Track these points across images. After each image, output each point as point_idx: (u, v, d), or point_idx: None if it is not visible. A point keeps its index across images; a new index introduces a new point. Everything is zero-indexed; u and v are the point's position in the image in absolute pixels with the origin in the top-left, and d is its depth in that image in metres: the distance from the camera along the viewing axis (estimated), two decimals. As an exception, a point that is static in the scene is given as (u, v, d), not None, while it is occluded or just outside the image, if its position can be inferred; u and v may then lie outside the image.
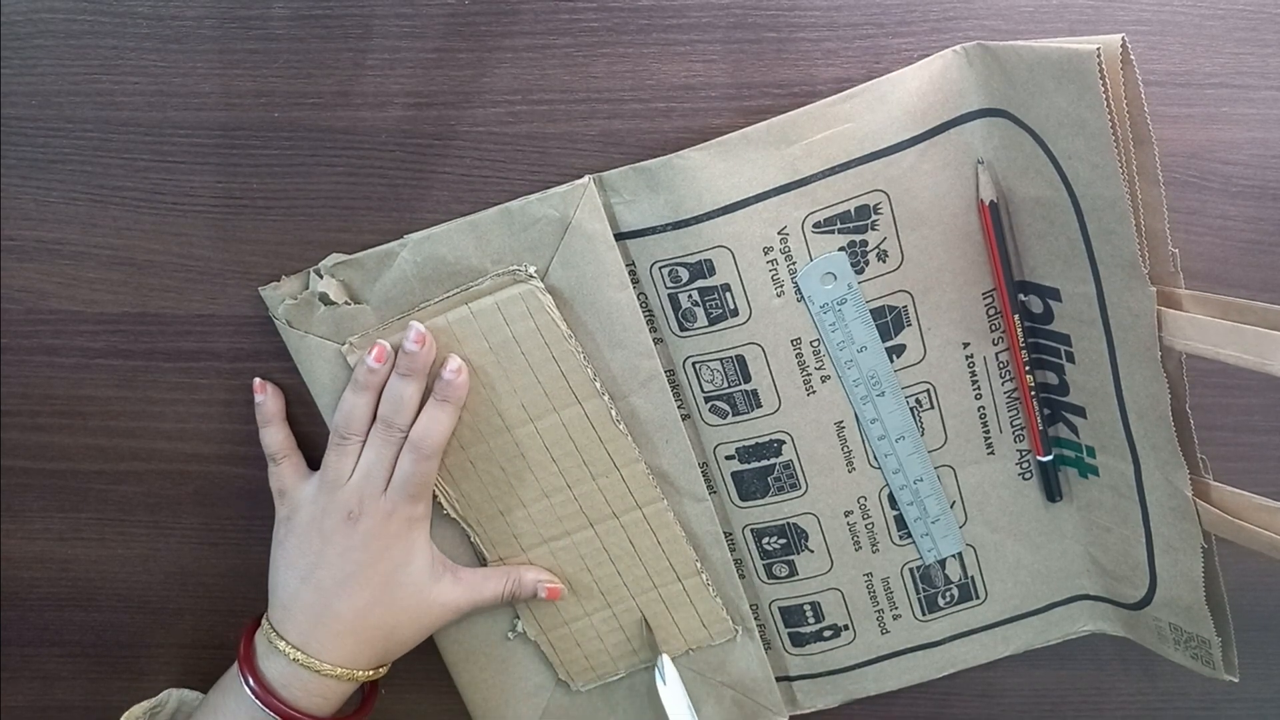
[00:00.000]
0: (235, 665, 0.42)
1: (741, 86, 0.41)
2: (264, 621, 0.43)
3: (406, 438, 0.42)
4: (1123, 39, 0.33)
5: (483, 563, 0.46)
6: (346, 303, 0.42)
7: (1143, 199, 0.36)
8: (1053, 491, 0.46)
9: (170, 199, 0.43)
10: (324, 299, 0.42)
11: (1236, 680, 0.42)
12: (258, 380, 0.44)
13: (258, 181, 0.43)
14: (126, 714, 0.45)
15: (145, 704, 0.46)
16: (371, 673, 0.43)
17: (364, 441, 0.42)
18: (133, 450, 0.47)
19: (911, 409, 0.44)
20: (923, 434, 0.45)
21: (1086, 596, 0.48)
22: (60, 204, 0.43)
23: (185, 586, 0.49)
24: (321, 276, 0.42)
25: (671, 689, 0.45)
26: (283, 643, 0.41)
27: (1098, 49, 0.32)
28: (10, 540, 0.49)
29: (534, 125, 0.42)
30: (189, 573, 0.49)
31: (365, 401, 0.42)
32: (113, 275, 0.44)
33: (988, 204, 0.40)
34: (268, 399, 0.44)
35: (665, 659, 0.46)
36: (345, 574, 0.42)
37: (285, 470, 0.44)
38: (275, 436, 0.44)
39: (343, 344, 0.43)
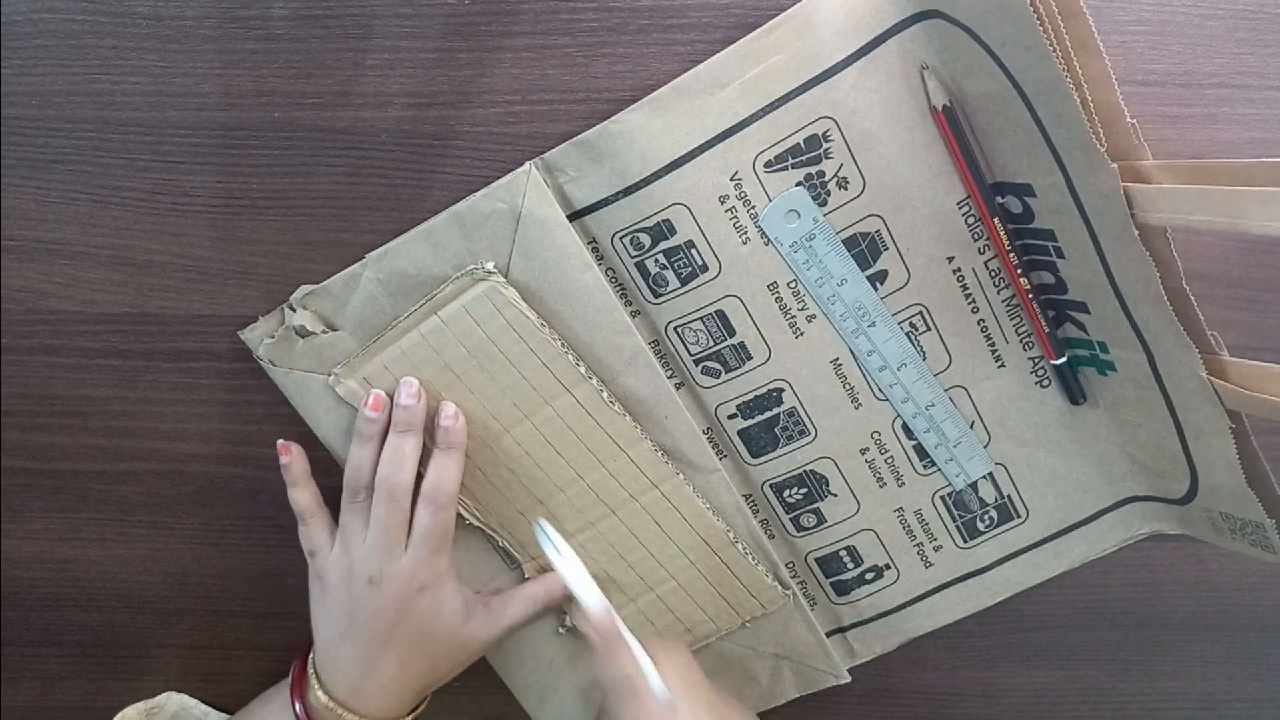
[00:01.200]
0: (287, 685, 0.43)
1: (741, 87, 0.41)
2: (310, 664, 0.43)
3: (414, 491, 0.42)
4: None
5: (516, 566, 0.46)
6: (324, 331, 0.42)
7: (1086, 73, 0.34)
8: (1075, 394, 0.44)
9: (170, 199, 0.43)
10: (300, 331, 0.42)
11: None
12: (281, 442, 0.43)
13: (257, 182, 0.43)
14: (120, 715, 0.45)
15: (142, 705, 0.46)
16: (412, 714, 0.43)
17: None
18: (132, 450, 0.47)
19: (907, 334, 0.43)
20: (925, 358, 0.43)
21: (1135, 498, 0.46)
22: (60, 204, 0.43)
23: (185, 586, 0.49)
24: (294, 310, 0.43)
25: (566, 558, 0.42)
26: (327, 696, 0.42)
27: None
28: (10, 540, 0.49)
29: (534, 125, 0.42)
30: (189, 573, 0.49)
31: (370, 452, 0.42)
32: (113, 275, 0.44)
33: (941, 109, 0.39)
34: (293, 460, 0.43)
35: (541, 522, 0.43)
36: (380, 634, 0.42)
37: (314, 529, 0.43)
38: (302, 496, 0.43)
39: (328, 375, 0.43)
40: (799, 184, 0.40)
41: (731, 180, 0.40)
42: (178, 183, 0.43)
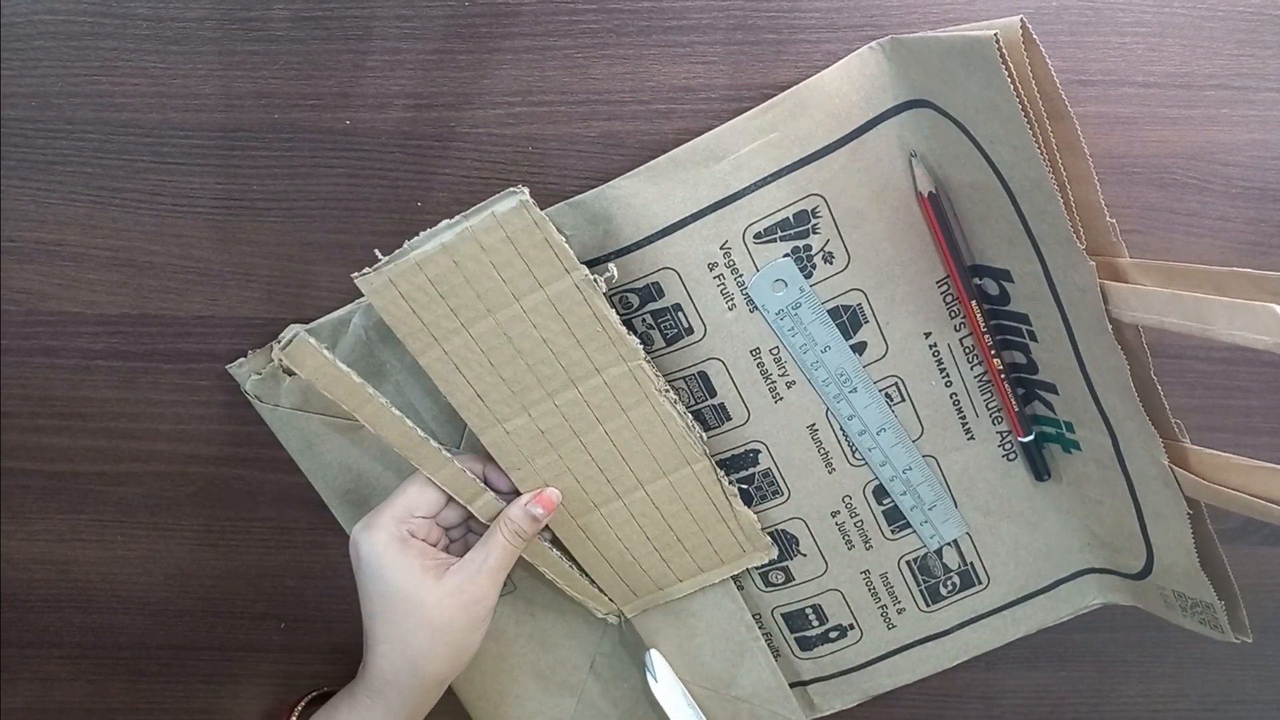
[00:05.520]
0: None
1: (741, 88, 0.41)
2: None
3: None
4: (1021, 20, 0.33)
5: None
6: None
7: (1071, 173, 0.35)
8: (1040, 471, 0.45)
9: (170, 200, 0.43)
10: (288, 370, 0.42)
11: (1250, 640, 0.41)
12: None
13: (257, 183, 0.43)
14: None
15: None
16: None
17: None
18: (133, 452, 0.47)
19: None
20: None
21: (1091, 570, 0.47)
22: (60, 205, 0.43)
23: (185, 588, 0.49)
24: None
25: (664, 685, 0.45)
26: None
27: (995, 33, 0.32)
28: (10, 541, 0.49)
29: (534, 127, 0.42)
30: (189, 574, 0.49)
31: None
32: (112, 277, 0.44)
33: (926, 196, 0.40)
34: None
35: (653, 654, 0.45)
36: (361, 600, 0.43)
37: None
38: None
39: (313, 412, 0.44)
40: (786, 255, 0.42)
41: (721, 249, 0.41)
42: (178, 184, 0.43)
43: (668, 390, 0.42)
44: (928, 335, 0.43)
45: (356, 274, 0.39)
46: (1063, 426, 0.43)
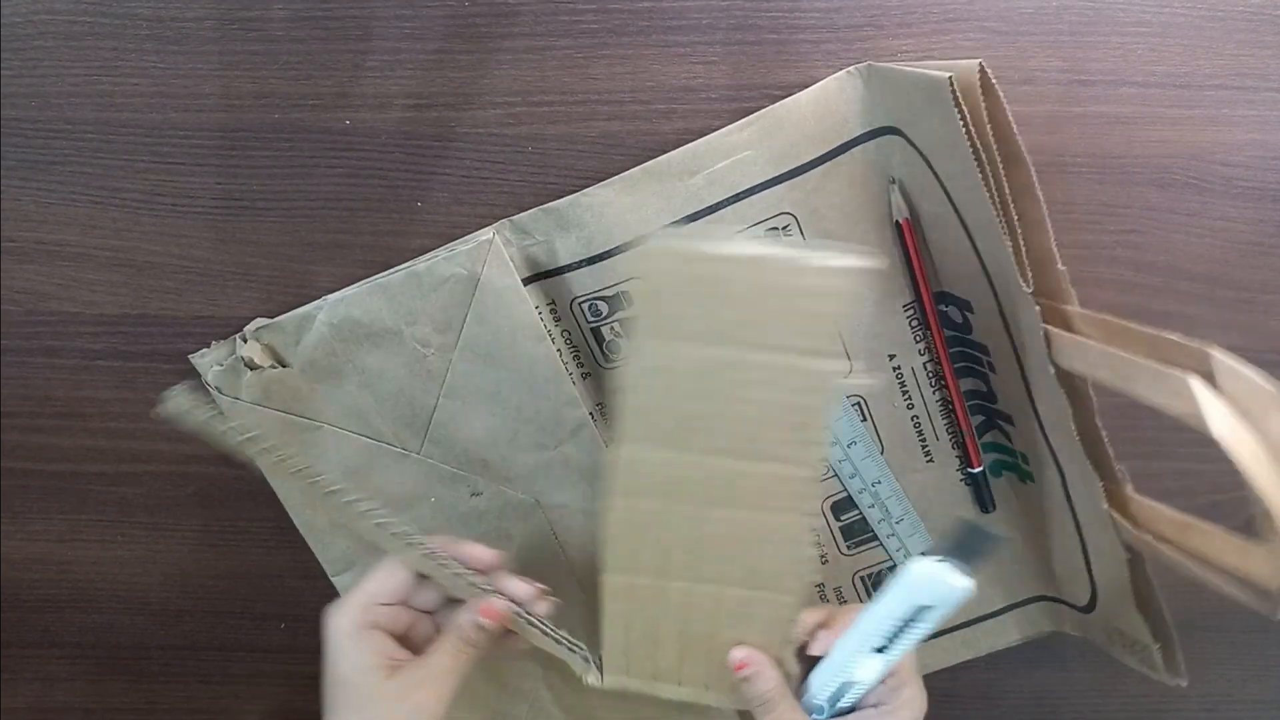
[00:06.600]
0: None
1: (741, 88, 0.41)
2: None
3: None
4: (979, 65, 0.33)
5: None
6: (272, 366, 0.43)
7: (1025, 217, 0.35)
8: (985, 503, 0.46)
9: (170, 200, 0.43)
10: (249, 364, 0.43)
11: (1185, 684, 0.40)
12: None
13: (257, 183, 0.43)
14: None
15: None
16: None
17: None
18: (133, 452, 0.47)
19: None
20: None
21: (1043, 598, 0.48)
22: (60, 206, 0.43)
23: (185, 588, 0.49)
24: (245, 341, 0.43)
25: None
26: None
27: (950, 76, 0.33)
28: (10, 541, 0.49)
29: (534, 127, 0.42)
30: (189, 574, 0.49)
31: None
32: (112, 277, 0.44)
33: (902, 222, 0.41)
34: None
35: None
36: None
37: None
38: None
39: (272, 408, 0.43)
40: None
41: None
42: (178, 184, 0.43)
43: (817, 515, 0.39)
44: (892, 358, 0.44)
45: (642, 240, 0.35)
46: (1019, 457, 0.44)
